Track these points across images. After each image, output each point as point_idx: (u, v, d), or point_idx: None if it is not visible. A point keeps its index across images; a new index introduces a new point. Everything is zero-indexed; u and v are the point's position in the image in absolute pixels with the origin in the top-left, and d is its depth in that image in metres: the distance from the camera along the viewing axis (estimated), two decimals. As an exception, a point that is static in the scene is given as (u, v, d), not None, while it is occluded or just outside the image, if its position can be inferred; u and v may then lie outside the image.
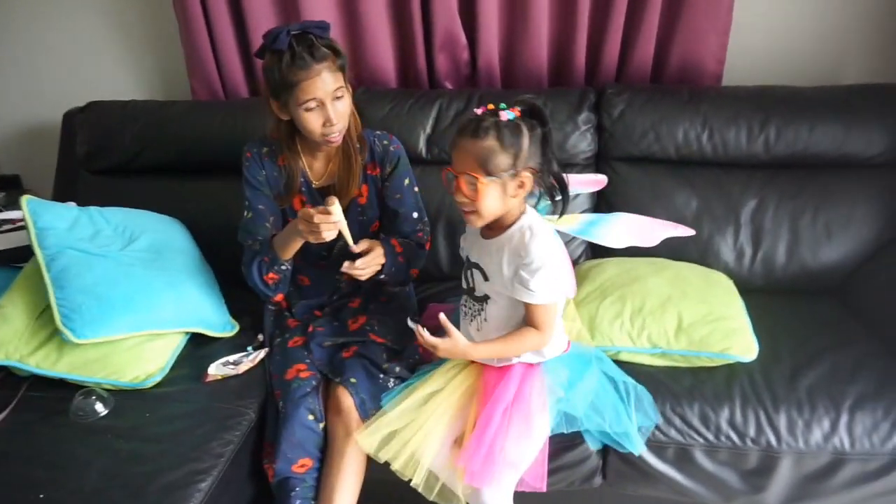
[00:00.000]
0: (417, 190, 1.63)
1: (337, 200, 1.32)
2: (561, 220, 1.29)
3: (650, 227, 1.47)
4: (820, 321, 1.63)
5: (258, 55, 1.42)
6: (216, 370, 1.50)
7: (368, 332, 1.54)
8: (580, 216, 1.42)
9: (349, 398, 1.37)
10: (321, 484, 1.34)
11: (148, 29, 2.18)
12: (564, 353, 1.38)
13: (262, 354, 1.57)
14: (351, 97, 1.44)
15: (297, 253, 1.51)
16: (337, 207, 1.31)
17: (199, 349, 1.60)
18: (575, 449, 1.42)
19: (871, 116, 1.74)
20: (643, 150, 1.84)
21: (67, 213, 1.62)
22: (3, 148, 2.43)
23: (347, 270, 1.43)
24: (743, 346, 1.46)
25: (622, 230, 1.41)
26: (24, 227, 1.66)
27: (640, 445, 1.34)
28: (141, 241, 1.65)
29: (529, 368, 1.34)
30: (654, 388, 1.40)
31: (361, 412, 1.36)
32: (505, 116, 1.17)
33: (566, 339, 1.40)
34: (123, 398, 1.43)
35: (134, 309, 1.48)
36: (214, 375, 1.50)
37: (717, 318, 1.50)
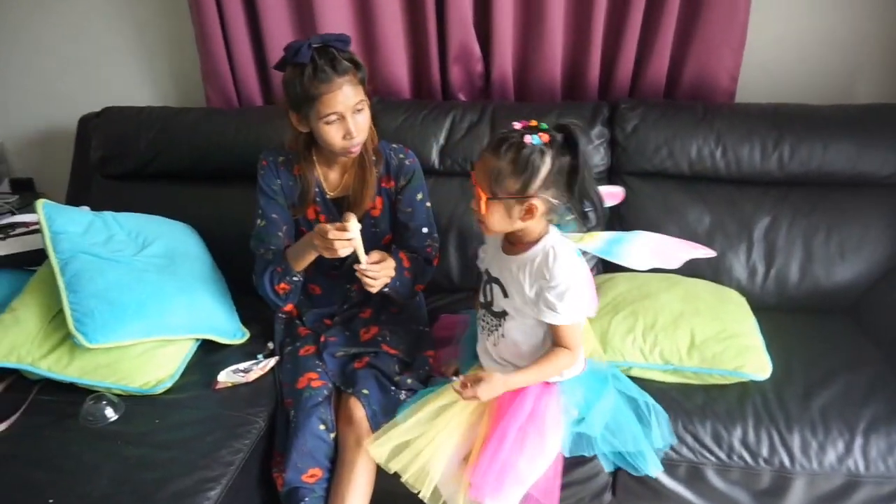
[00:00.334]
0: (429, 206, 1.64)
1: (354, 217, 1.32)
2: (583, 238, 1.29)
3: (672, 247, 1.47)
4: (833, 341, 1.62)
5: (278, 68, 1.42)
6: (226, 377, 1.50)
7: (381, 342, 1.54)
8: (601, 234, 1.42)
9: (361, 409, 1.37)
10: (331, 494, 1.34)
11: (164, 36, 2.20)
12: (581, 372, 1.37)
13: (272, 363, 1.56)
14: (370, 110, 1.45)
15: (308, 266, 1.51)
16: (354, 224, 1.31)
17: (209, 356, 1.60)
18: (585, 465, 1.41)
19: (885, 136, 1.73)
20: (656, 165, 1.84)
21: (82, 217, 1.62)
22: (17, 151, 2.45)
23: (361, 274, 1.41)
24: (756, 364, 1.45)
25: (645, 251, 1.41)
26: (37, 230, 1.68)
27: (655, 467, 1.33)
28: (154, 246, 1.65)
29: (546, 387, 1.33)
30: (665, 404, 1.40)
31: (373, 423, 1.36)
32: (529, 140, 1.15)
33: (583, 357, 1.39)
34: (133, 404, 1.43)
35: (146, 314, 1.48)
36: (225, 383, 1.50)
37: (730, 335, 1.49)
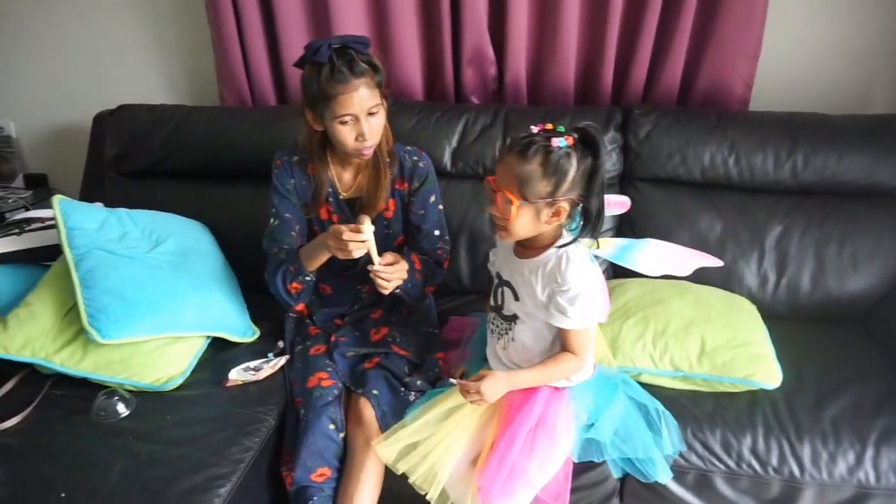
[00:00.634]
0: (442, 208, 1.64)
1: (368, 219, 1.33)
2: (595, 243, 1.30)
3: (683, 255, 1.47)
4: (844, 351, 1.61)
5: (298, 65, 1.42)
6: (237, 375, 1.51)
7: (391, 343, 1.54)
8: (614, 240, 1.42)
9: (370, 409, 1.37)
10: (339, 494, 1.34)
11: (180, 35, 2.22)
12: (591, 377, 1.37)
13: (282, 361, 1.57)
14: (386, 113, 1.45)
15: (322, 264, 1.51)
16: (368, 226, 1.32)
17: (219, 354, 1.60)
18: (593, 470, 1.40)
19: (900, 147, 1.73)
20: (668, 171, 1.84)
21: (96, 214, 1.64)
22: (32, 147, 2.47)
23: (374, 275, 1.41)
24: (767, 372, 1.45)
25: (656, 258, 1.41)
26: (52, 225, 1.68)
27: (664, 473, 1.33)
28: (167, 244, 1.66)
29: (555, 392, 1.33)
30: (675, 411, 1.39)
31: (382, 424, 1.36)
32: (556, 143, 1.15)
33: (592, 363, 1.39)
34: (144, 400, 1.44)
35: (158, 311, 1.49)
36: (235, 380, 1.50)
37: (740, 343, 1.49)
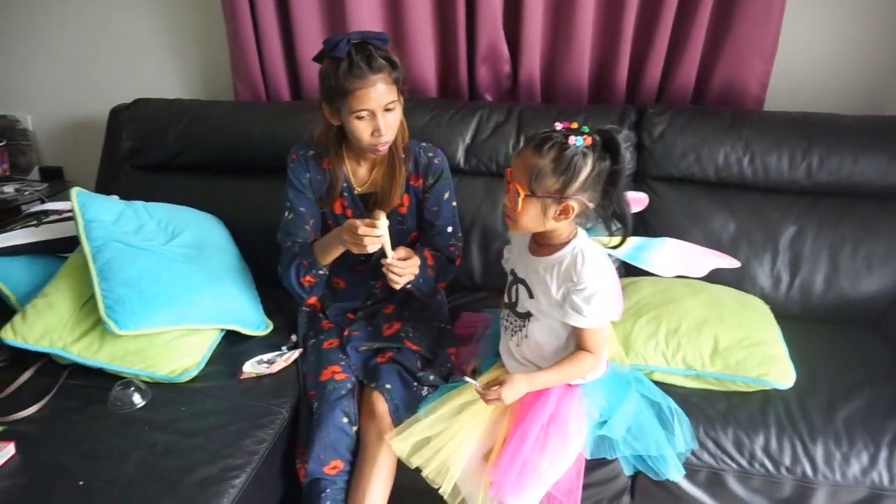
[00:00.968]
0: (455, 205, 1.64)
1: (384, 214, 1.34)
2: (611, 242, 1.30)
3: (698, 255, 1.47)
4: (857, 353, 1.61)
5: (317, 59, 1.43)
6: (251, 368, 1.52)
7: (403, 338, 1.55)
8: (629, 239, 1.42)
9: (383, 403, 1.38)
10: (352, 487, 1.35)
11: (195, 29, 2.23)
12: (603, 375, 1.37)
13: (295, 355, 1.58)
14: (402, 109, 1.46)
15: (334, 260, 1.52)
16: (383, 221, 1.33)
17: (232, 346, 1.62)
18: (605, 467, 1.41)
19: (916, 148, 1.72)
20: (682, 170, 1.84)
21: (114, 206, 1.65)
22: (48, 140, 2.49)
23: (387, 269, 1.42)
24: (780, 372, 1.45)
25: (672, 258, 1.41)
26: (70, 217, 1.70)
27: (676, 471, 1.33)
28: (183, 236, 1.68)
29: (568, 389, 1.34)
30: (687, 410, 1.39)
31: (395, 418, 1.37)
32: (573, 141, 1.16)
33: (606, 360, 1.39)
34: (160, 391, 1.45)
35: (174, 303, 1.50)
36: (249, 373, 1.51)
37: (754, 342, 1.49)
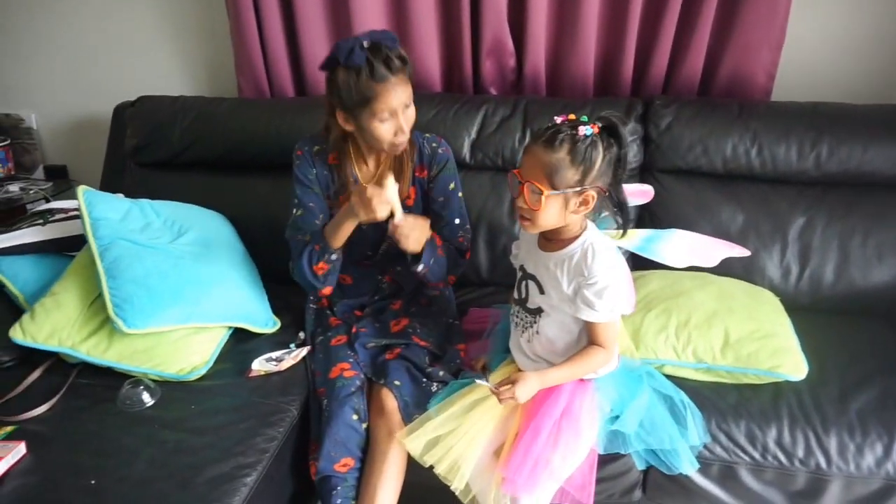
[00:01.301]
0: (462, 195, 1.63)
1: (392, 177, 1.33)
2: (620, 235, 1.29)
3: (708, 246, 1.47)
4: (869, 343, 1.60)
5: (325, 68, 1.40)
6: (260, 366, 1.51)
7: (411, 334, 1.54)
8: (638, 231, 1.42)
9: (393, 400, 1.38)
10: (362, 484, 1.35)
11: (199, 26, 2.22)
12: (615, 369, 1.37)
13: (304, 352, 1.57)
14: None
15: (343, 248, 1.50)
16: (392, 183, 1.32)
17: (240, 344, 1.61)
18: (616, 461, 1.40)
19: (927, 137, 1.70)
20: (690, 163, 1.82)
21: (120, 204, 1.65)
22: (52, 138, 2.49)
23: (395, 229, 1.39)
24: (792, 364, 1.44)
25: (682, 249, 1.40)
26: (76, 216, 1.70)
27: (689, 465, 1.32)
28: (189, 234, 1.67)
29: (580, 384, 1.33)
30: (698, 403, 1.39)
31: (404, 415, 1.37)
32: (583, 131, 1.15)
33: (617, 354, 1.39)
34: (169, 389, 1.45)
35: (183, 301, 1.50)
36: (258, 371, 1.51)
37: (765, 335, 1.48)
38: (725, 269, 1.71)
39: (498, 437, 1.34)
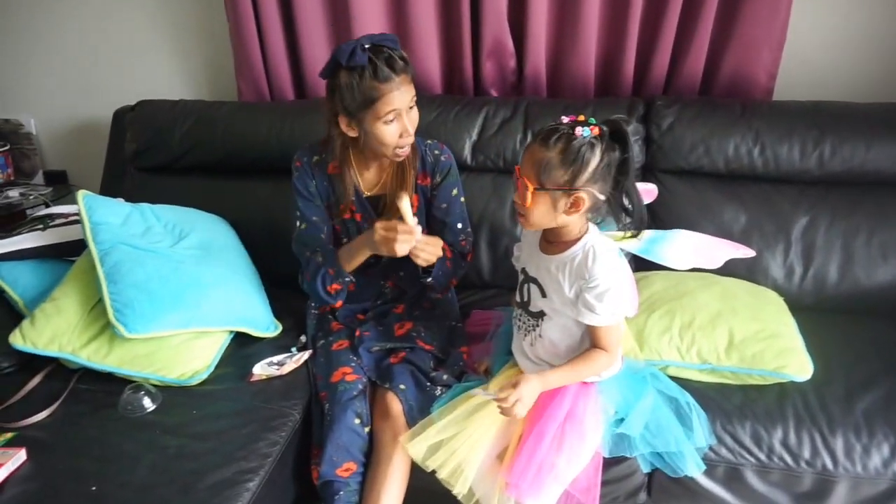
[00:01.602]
0: (464, 200, 1.63)
1: (407, 196, 1.34)
2: (623, 237, 1.28)
3: (713, 246, 1.46)
4: (874, 343, 1.59)
5: (325, 74, 1.40)
6: (261, 370, 1.51)
7: (416, 338, 1.53)
8: (641, 234, 1.40)
9: (398, 404, 1.37)
10: (366, 489, 1.33)
11: (198, 30, 2.22)
12: (619, 371, 1.36)
13: (305, 356, 1.57)
14: None
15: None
16: (406, 201, 1.33)
17: (241, 349, 1.60)
18: (621, 464, 1.39)
19: (931, 135, 1.70)
20: (692, 163, 1.82)
21: (120, 209, 1.64)
22: (52, 144, 2.49)
23: (414, 250, 1.37)
24: (798, 364, 1.43)
25: (686, 250, 1.39)
26: (76, 221, 1.70)
27: (694, 467, 1.31)
28: (190, 238, 1.67)
29: (584, 387, 1.32)
30: (703, 404, 1.37)
31: (409, 419, 1.36)
32: (579, 132, 1.15)
33: (621, 357, 1.38)
34: (170, 394, 1.44)
35: (183, 306, 1.49)
36: (260, 375, 1.50)
37: (769, 335, 1.47)
38: (729, 269, 1.69)
39: (501, 441, 1.33)
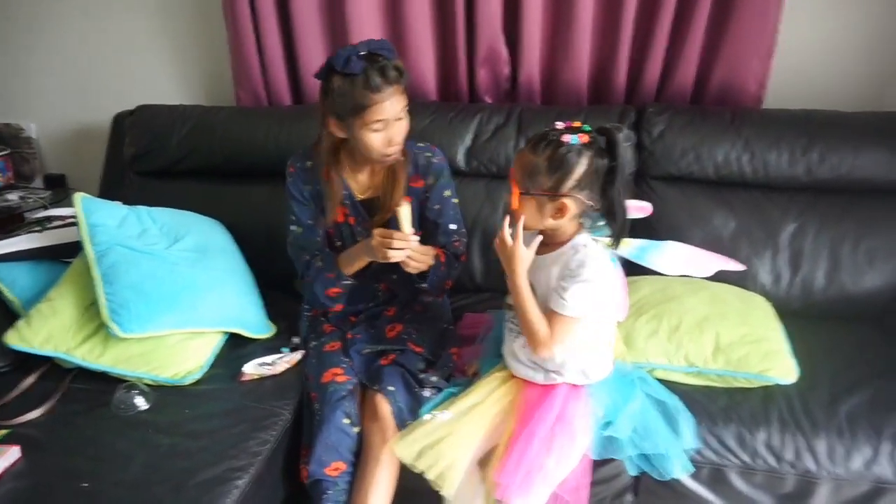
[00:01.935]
0: (457, 202, 1.65)
1: (407, 204, 1.37)
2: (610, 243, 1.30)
3: (703, 258, 1.48)
4: (859, 348, 1.61)
5: (321, 76, 1.42)
6: (252, 370, 1.53)
7: (406, 340, 1.55)
8: (632, 241, 1.43)
9: (387, 406, 1.38)
10: (354, 489, 1.35)
11: (197, 36, 2.25)
12: (608, 375, 1.37)
13: (297, 356, 1.59)
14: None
15: None
16: (405, 209, 1.37)
17: (235, 350, 1.62)
18: (608, 465, 1.40)
19: (917, 143, 1.72)
20: (682, 169, 1.84)
21: (117, 211, 1.66)
22: (52, 148, 2.51)
23: (408, 258, 1.41)
24: (782, 368, 1.45)
25: (678, 259, 1.42)
26: (73, 223, 1.71)
27: (681, 470, 1.32)
28: (185, 241, 1.68)
29: (574, 390, 1.34)
30: (689, 407, 1.38)
31: (398, 420, 1.37)
32: (567, 139, 1.17)
33: (611, 359, 1.39)
34: (163, 394, 1.46)
35: (178, 307, 1.51)
36: (251, 375, 1.52)
37: (755, 339, 1.49)
38: (718, 275, 1.70)
39: (489, 443, 1.34)
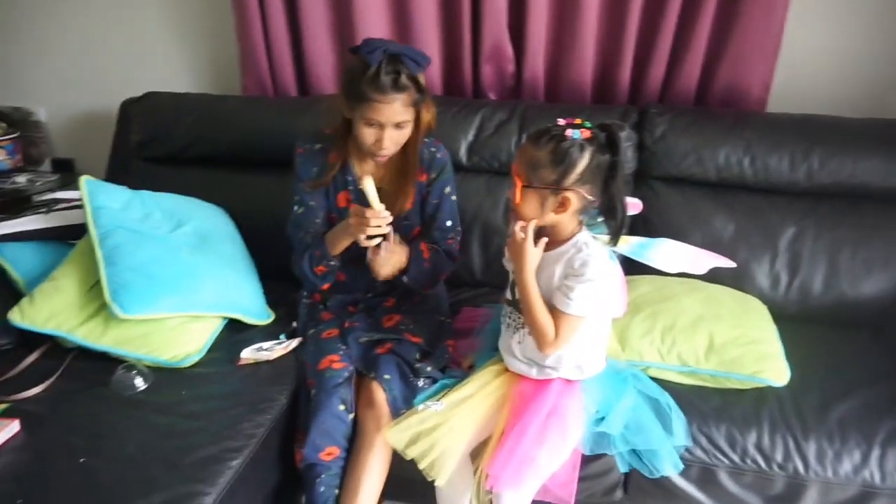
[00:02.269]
0: (455, 199, 1.66)
1: (370, 178, 1.38)
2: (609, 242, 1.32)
3: (696, 255, 1.49)
4: (854, 354, 1.61)
5: (353, 51, 1.44)
6: (249, 354, 1.54)
7: (403, 330, 1.56)
8: (631, 238, 1.44)
9: (382, 393, 1.40)
10: (347, 473, 1.37)
11: (204, 24, 2.27)
12: (601, 371, 1.38)
13: (294, 343, 1.60)
14: (415, 126, 1.49)
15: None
16: (370, 183, 1.38)
17: (234, 335, 1.64)
18: (598, 461, 1.41)
19: (917, 151, 1.72)
20: (683, 171, 1.85)
21: (121, 194, 1.68)
22: (60, 133, 2.54)
23: (370, 260, 1.47)
24: (775, 370, 1.46)
25: (674, 256, 1.44)
26: (78, 206, 1.73)
27: (671, 467, 1.33)
28: (188, 226, 1.70)
29: (568, 385, 1.35)
30: (681, 406, 1.40)
31: (392, 408, 1.39)
32: (569, 134, 1.18)
33: (604, 356, 1.40)
34: (162, 375, 1.47)
35: (179, 290, 1.53)
36: (248, 359, 1.53)
37: (749, 341, 1.50)
38: (715, 275, 1.72)
39: (482, 433, 1.35)
